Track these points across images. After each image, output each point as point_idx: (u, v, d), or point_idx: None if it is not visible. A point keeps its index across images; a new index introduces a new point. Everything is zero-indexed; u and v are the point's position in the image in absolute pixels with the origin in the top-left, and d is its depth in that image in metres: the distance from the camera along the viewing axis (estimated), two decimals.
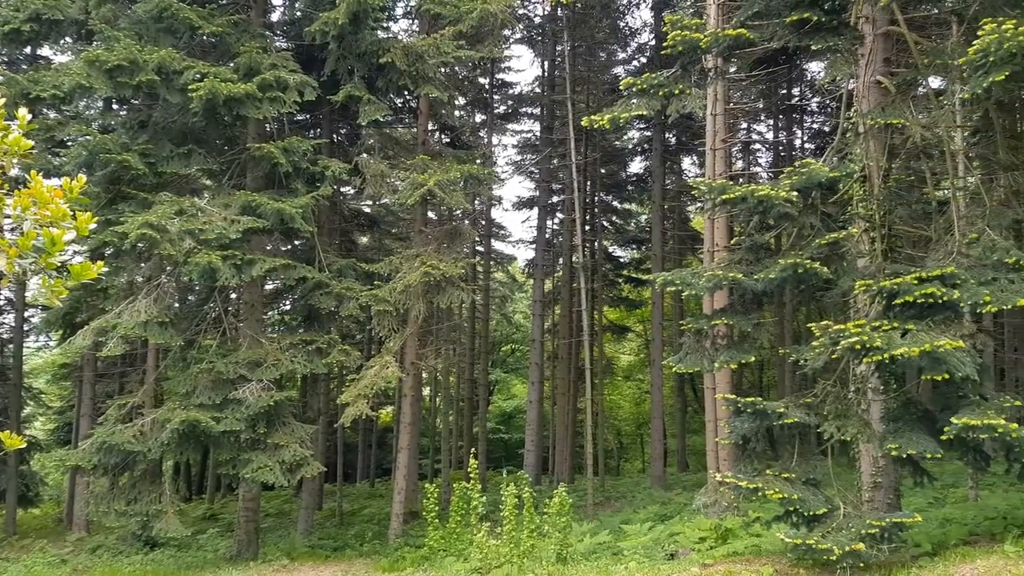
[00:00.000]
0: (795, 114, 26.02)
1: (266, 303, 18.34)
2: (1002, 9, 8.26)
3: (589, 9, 23.75)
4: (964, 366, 7.34)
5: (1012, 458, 7.64)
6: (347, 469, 29.89)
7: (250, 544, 15.81)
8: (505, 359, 41.56)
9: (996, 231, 8.43)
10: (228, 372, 14.39)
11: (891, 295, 7.94)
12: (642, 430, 37.16)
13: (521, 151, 30.00)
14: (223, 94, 13.87)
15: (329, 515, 22.69)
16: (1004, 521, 9.73)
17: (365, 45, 15.63)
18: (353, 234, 23.71)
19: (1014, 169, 9.68)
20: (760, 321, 9.50)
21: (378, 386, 15.12)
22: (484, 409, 28.98)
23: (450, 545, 12.24)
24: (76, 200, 3.21)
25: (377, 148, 17.35)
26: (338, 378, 23.26)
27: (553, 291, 29.33)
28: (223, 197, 14.98)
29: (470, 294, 16.53)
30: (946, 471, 15.89)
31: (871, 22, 9.78)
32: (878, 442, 8.33)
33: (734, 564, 8.95)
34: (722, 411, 13.72)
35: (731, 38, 9.65)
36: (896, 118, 9.08)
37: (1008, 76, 7.18)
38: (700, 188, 9.58)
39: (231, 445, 14.54)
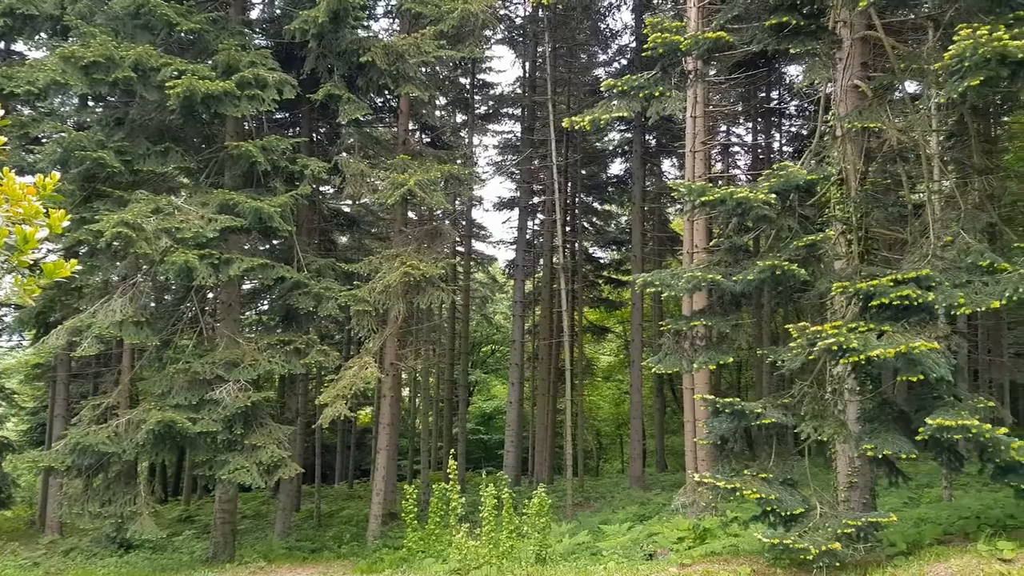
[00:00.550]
0: (774, 117, 26.26)
1: (244, 303, 18.20)
2: (977, 15, 8.38)
3: (570, 10, 23.80)
4: (939, 367, 7.43)
5: (985, 458, 7.74)
6: (325, 470, 29.68)
7: (226, 546, 15.66)
8: (485, 360, 41.54)
9: (970, 234, 8.54)
10: (205, 372, 14.25)
11: (867, 297, 8.02)
12: (621, 431, 37.29)
13: (502, 152, 30.00)
14: (201, 92, 13.73)
15: (307, 517, 22.54)
16: (977, 521, 9.86)
17: (345, 44, 15.56)
18: (332, 234, 23.58)
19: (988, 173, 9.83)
20: (738, 322, 9.56)
21: (357, 387, 15.04)
22: (464, 410, 28.94)
23: (429, 546, 12.19)
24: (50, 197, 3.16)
25: (357, 147, 17.26)
26: (316, 379, 23.13)
27: (534, 292, 29.35)
28: (200, 195, 14.82)
29: (450, 295, 16.50)
30: (921, 471, 16.08)
31: (849, 26, 9.88)
32: (854, 442, 8.41)
33: (712, 564, 8.99)
34: (700, 411, 13.80)
35: (711, 41, 9.70)
36: (873, 122, 9.17)
37: (983, 81, 7.27)
38: (680, 190, 9.63)
39: (207, 446, 14.39)
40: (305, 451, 23.46)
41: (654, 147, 27.09)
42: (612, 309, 33.84)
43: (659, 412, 29.86)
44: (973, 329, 20.61)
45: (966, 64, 7.23)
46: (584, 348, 31.54)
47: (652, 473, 26.83)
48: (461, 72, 25.43)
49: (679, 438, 27.80)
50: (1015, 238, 10.02)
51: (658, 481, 23.58)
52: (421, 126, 22.03)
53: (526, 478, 26.66)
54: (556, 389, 27.01)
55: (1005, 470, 7.67)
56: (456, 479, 11.79)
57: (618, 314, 34.80)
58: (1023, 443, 7.38)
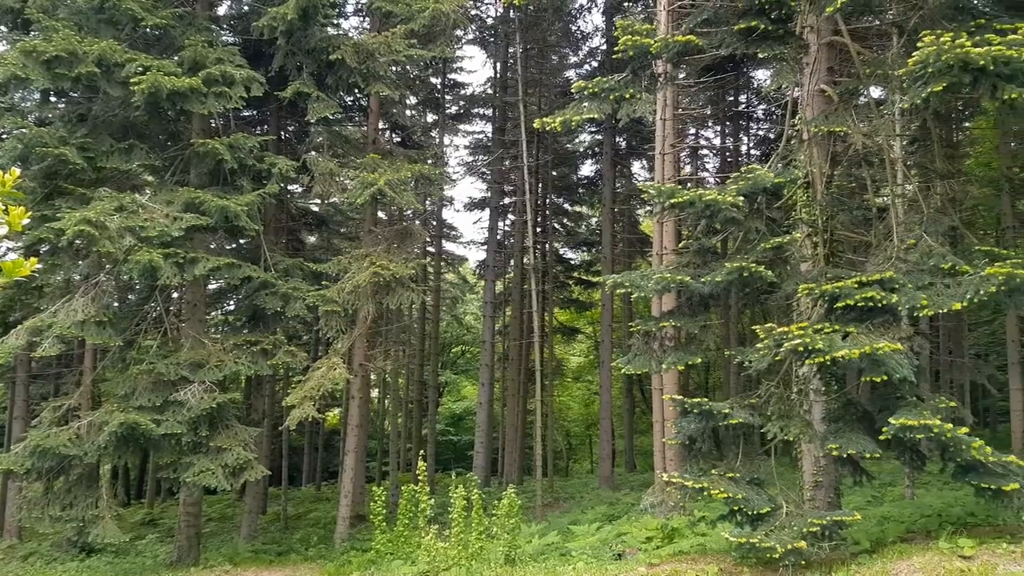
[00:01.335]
0: (742, 120, 26.55)
1: (209, 303, 17.95)
2: (940, 22, 8.54)
3: (541, 12, 23.84)
4: (902, 368, 7.54)
5: (947, 457, 7.87)
6: (292, 472, 29.41)
7: (191, 550, 15.43)
8: (455, 360, 41.44)
9: (933, 237, 8.69)
10: (169, 373, 14.03)
11: (833, 298, 8.13)
12: (591, 431, 37.44)
13: (473, 152, 29.96)
14: (166, 88, 13.52)
15: (273, 519, 22.30)
16: (939, 519, 10.04)
17: (315, 41, 15.43)
18: (301, 233, 23.36)
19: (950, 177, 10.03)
20: (707, 323, 9.63)
21: (325, 388, 14.90)
22: (433, 411, 28.84)
23: (398, 548, 12.12)
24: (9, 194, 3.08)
25: (326, 146, 17.11)
26: (284, 380, 22.90)
27: (504, 292, 29.35)
28: (165, 194, 14.59)
29: (420, 295, 16.43)
30: (884, 470, 16.36)
31: (816, 32, 10.02)
32: (819, 442, 8.51)
33: (680, 563, 9.05)
34: (669, 412, 13.90)
35: (681, 44, 9.78)
36: (838, 126, 9.31)
37: (945, 87, 7.40)
38: (649, 192, 9.67)
39: (172, 448, 14.17)
40: (272, 453, 23.22)
41: (624, 149, 27.23)
42: (582, 310, 33.96)
43: (628, 412, 30.02)
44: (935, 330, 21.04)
45: (929, 70, 7.35)
46: (554, 349, 31.61)
47: (621, 473, 26.98)
48: (432, 72, 25.32)
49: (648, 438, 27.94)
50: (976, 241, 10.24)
51: (627, 481, 23.71)
52: (391, 125, 21.91)
53: (496, 479, 26.64)
54: (526, 390, 27.03)
55: (966, 469, 7.82)
56: (425, 480, 11.73)
57: (588, 315, 34.94)
58: (983, 443, 7.52)
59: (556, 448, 33.01)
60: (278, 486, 24.75)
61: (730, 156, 26.05)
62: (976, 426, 23.74)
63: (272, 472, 20.88)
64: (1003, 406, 22.86)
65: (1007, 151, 19.22)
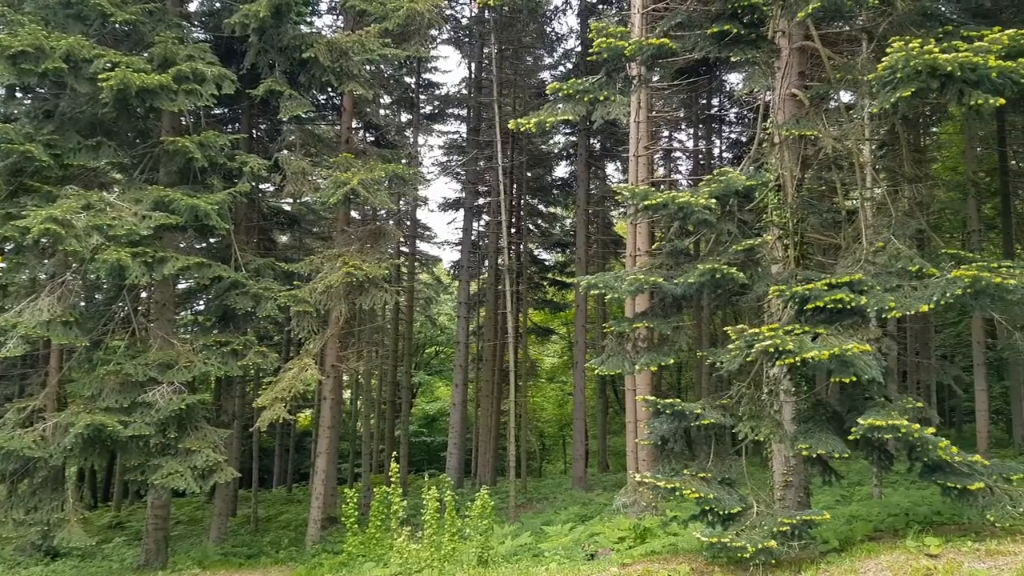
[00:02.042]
0: (714, 123, 26.77)
1: (179, 303, 17.72)
2: (909, 28, 8.67)
3: (516, 13, 23.86)
4: (870, 369, 7.63)
5: (914, 457, 7.99)
6: (263, 474, 29.12)
7: (159, 553, 15.22)
8: (429, 361, 41.31)
9: (901, 240, 8.81)
10: (137, 374, 13.82)
11: (803, 300, 8.21)
12: (564, 431, 37.51)
13: (447, 152, 29.90)
14: (136, 85, 13.32)
15: (243, 522, 22.06)
16: (906, 517, 10.18)
17: (287, 39, 15.30)
18: (272, 232, 23.14)
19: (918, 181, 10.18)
20: (679, 324, 9.68)
21: (296, 389, 14.77)
22: (407, 412, 28.71)
23: (369, 550, 12.04)
24: None
25: (298, 145, 16.96)
26: (255, 381, 22.66)
27: (478, 293, 29.30)
28: (134, 192, 14.37)
29: (394, 295, 16.33)
30: (852, 470, 16.58)
31: (787, 36, 10.12)
32: (790, 442, 8.59)
33: (652, 563, 9.08)
34: (642, 412, 13.97)
35: (654, 47, 9.82)
36: (809, 130, 9.40)
37: (914, 92, 7.50)
38: (623, 193, 9.70)
39: (139, 450, 13.95)
40: (242, 455, 22.98)
41: (598, 151, 27.34)
42: (556, 311, 34.04)
43: (602, 413, 30.13)
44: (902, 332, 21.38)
45: (898, 75, 7.45)
46: (528, 349, 31.63)
47: (594, 473, 27.06)
48: (406, 71, 25.23)
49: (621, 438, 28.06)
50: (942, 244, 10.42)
51: (600, 481, 23.79)
52: (365, 124, 21.80)
53: (469, 480, 26.60)
54: (500, 390, 27.02)
55: (932, 468, 7.94)
56: (398, 482, 11.67)
57: (562, 316, 35.02)
58: (949, 443, 7.64)
59: (530, 449, 33.02)
60: (248, 488, 24.49)
61: (703, 159, 26.26)
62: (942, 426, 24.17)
63: (242, 474, 20.66)
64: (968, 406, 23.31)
65: (973, 156, 19.61)
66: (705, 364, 21.52)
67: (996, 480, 7.91)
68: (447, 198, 29.11)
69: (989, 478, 7.85)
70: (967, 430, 24.01)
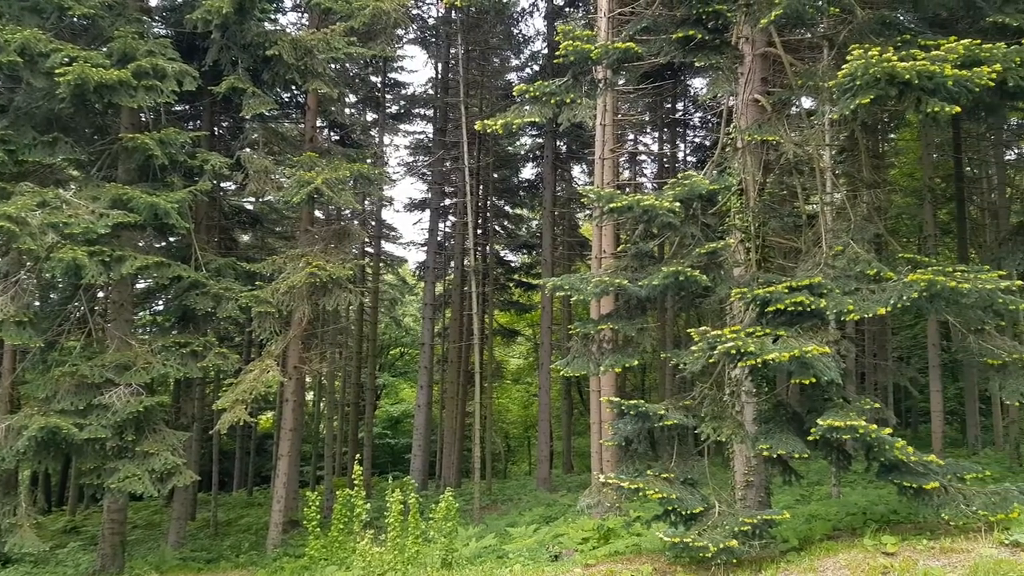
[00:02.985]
0: (679, 127, 27.05)
1: (137, 303, 17.37)
2: (869, 37, 8.83)
3: (483, 14, 23.85)
4: (829, 370, 7.75)
5: (871, 457, 8.13)
6: (223, 477, 28.68)
7: (115, 558, 14.90)
8: (394, 363, 41.07)
9: (859, 244, 8.97)
10: (93, 376, 13.51)
11: (764, 303, 8.32)
12: (529, 433, 37.56)
13: (413, 152, 29.76)
14: (94, 80, 13.04)
15: (203, 525, 21.70)
16: (864, 516, 10.36)
17: (251, 36, 15.10)
18: (234, 232, 22.81)
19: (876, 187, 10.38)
20: (644, 326, 9.74)
21: (258, 391, 14.58)
22: (370, 414, 28.49)
23: (332, 554, 11.91)
24: None
25: (261, 143, 16.74)
26: (214, 382, 22.33)
27: (444, 294, 29.21)
28: (91, 189, 14.06)
29: (358, 296, 16.21)
30: (812, 469, 16.84)
31: (750, 43, 10.26)
32: (751, 442, 8.69)
33: (615, 563, 9.12)
34: (607, 413, 14.03)
35: (620, 51, 9.88)
36: (771, 135, 9.54)
37: (872, 100, 7.63)
38: (589, 196, 9.75)
39: (95, 453, 13.64)
40: (202, 458, 22.62)
41: (565, 153, 27.44)
42: (522, 312, 34.07)
43: (567, 414, 30.22)
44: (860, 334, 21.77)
45: (858, 82, 7.58)
46: (494, 351, 31.61)
47: (559, 474, 27.13)
48: (372, 70, 25.09)
49: (586, 439, 28.23)
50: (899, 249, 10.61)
51: (564, 482, 23.86)
52: (330, 123, 21.61)
53: (434, 482, 26.50)
54: (465, 392, 26.95)
55: (889, 468, 8.10)
56: (361, 484, 11.55)
57: (528, 317, 35.07)
58: (905, 443, 7.80)
59: (495, 450, 33.02)
60: (208, 491, 24.12)
61: (667, 162, 26.50)
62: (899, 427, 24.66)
63: (202, 477, 20.35)
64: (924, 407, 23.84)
65: (929, 162, 20.05)
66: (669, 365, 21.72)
67: (950, 479, 8.09)
68: (413, 198, 29.08)
69: (944, 477, 8.02)
70: (923, 430, 24.55)
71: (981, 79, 7.34)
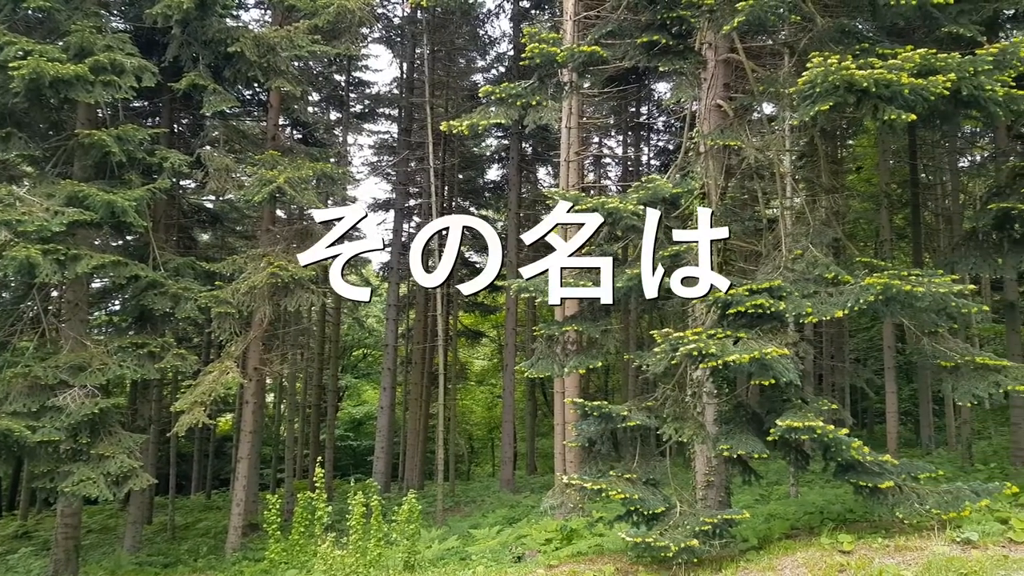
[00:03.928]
0: (643, 131, 27.29)
1: (92, 302, 16.98)
2: (828, 45, 9.00)
3: (449, 15, 23.80)
4: (788, 372, 7.87)
5: (828, 457, 8.27)
6: (181, 480, 28.17)
7: (69, 563, 14.53)
8: (356, 364, 40.73)
9: (818, 248, 9.14)
10: (47, 377, 13.17)
11: (725, 305, 8.42)
12: (493, 434, 37.54)
13: (378, 152, 29.56)
14: (49, 74, 12.71)
15: (160, 529, 21.30)
16: (821, 516, 10.54)
17: (212, 32, 14.87)
18: (193, 231, 22.43)
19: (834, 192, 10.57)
20: (608, 328, 9.80)
21: (217, 393, 14.34)
22: (332, 416, 28.22)
23: (292, 557, 11.76)
24: None
25: (222, 141, 16.49)
26: (173, 384, 21.93)
27: (408, 295, 29.06)
28: (46, 186, 13.72)
29: (320, 297, 16.03)
30: (771, 469, 17.10)
31: (714, 48, 10.38)
32: (712, 443, 8.79)
33: (578, 564, 9.16)
34: (570, 414, 14.09)
35: (586, 54, 9.93)
36: (733, 140, 9.66)
37: (832, 106, 7.77)
38: (554, 198, 9.78)
39: (49, 456, 13.30)
40: (159, 460, 22.19)
41: (530, 155, 27.50)
42: (487, 313, 34.03)
43: (531, 415, 30.27)
44: (819, 336, 22.17)
45: (817, 90, 7.72)
46: (459, 352, 31.53)
47: (522, 476, 27.15)
48: (336, 69, 24.87)
49: (549, 441, 28.30)
50: (857, 253, 10.83)
51: (528, 484, 23.88)
52: (292, 122, 21.37)
53: (396, 484, 26.33)
54: (429, 393, 26.84)
55: (846, 468, 8.24)
56: (323, 487, 11.43)
57: (493, 318, 35.04)
58: (861, 443, 7.95)
59: (458, 452, 32.92)
60: (165, 495, 23.65)
61: (631, 165, 26.72)
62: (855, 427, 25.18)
63: (159, 480, 19.97)
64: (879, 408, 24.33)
65: (886, 168, 20.47)
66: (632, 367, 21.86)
67: (905, 479, 8.27)
68: (377, 199, 28.83)
69: (898, 477, 8.20)
70: (878, 431, 25.06)
71: (936, 88, 7.52)
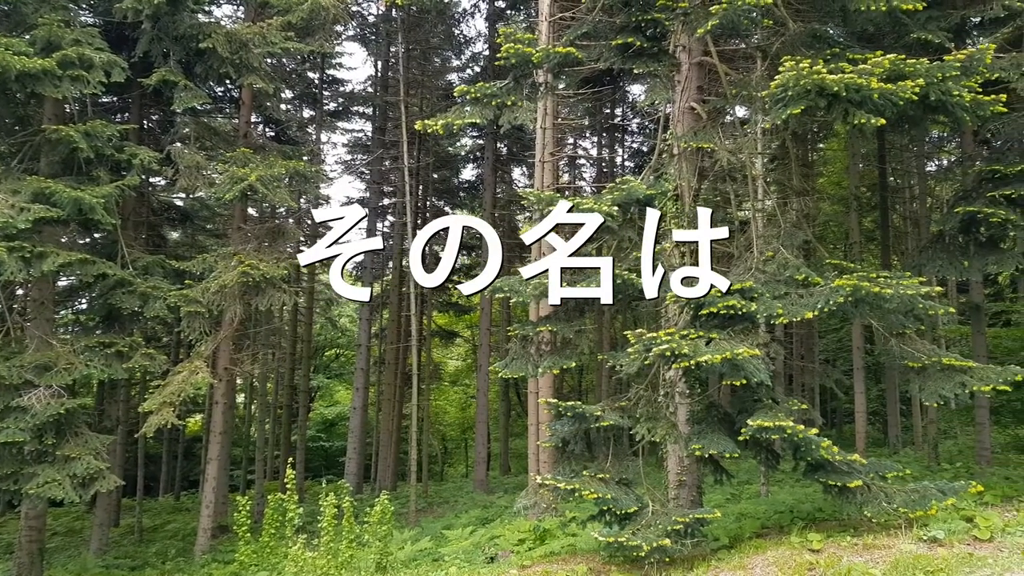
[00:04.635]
0: (617, 133, 27.41)
1: (59, 301, 16.69)
2: (800, 49, 9.10)
3: (425, 13, 23.72)
4: (759, 372, 7.95)
5: (798, 456, 8.37)
6: (149, 482, 27.77)
7: (33, 567, 14.25)
8: (329, 364, 40.42)
9: (788, 250, 9.24)
10: (11, 377, 12.91)
11: (698, 306, 8.48)
12: (467, 435, 37.47)
13: (352, 151, 29.38)
14: (16, 68, 12.48)
15: (127, 532, 20.99)
16: (791, 514, 10.65)
17: (184, 28, 14.67)
18: (163, 228, 22.09)
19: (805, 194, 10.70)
20: (582, 328, 9.82)
21: (186, 393, 14.15)
22: (304, 416, 27.99)
23: (263, 559, 11.62)
24: None
25: (193, 137, 16.27)
26: (141, 384, 21.62)
27: (382, 295, 28.90)
28: (11, 182, 13.44)
29: (292, 296, 15.89)
30: (742, 469, 17.25)
31: (687, 51, 10.46)
32: (684, 443, 8.85)
33: (551, 564, 9.17)
34: (544, 415, 14.10)
35: (561, 55, 9.95)
36: (706, 142, 9.73)
37: (803, 110, 7.86)
38: (529, 198, 9.77)
39: (13, 458, 13.04)
40: (127, 462, 21.87)
41: (505, 155, 27.49)
42: (461, 313, 33.97)
43: (504, 416, 30.26)
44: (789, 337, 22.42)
45: (789, 93, 7.80)
46: (432, 352, 31.43)
47: (496, 476, 27.14)
48: (309, 66, 24.69)
49: (523, 441, 28.32)
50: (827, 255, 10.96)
51: (501, 484, 23.87)
52: (265, 119, 21.19)
53: (369, 485, 26.18)
54: (402, 394, 26.71)
55: (815, 467, 8.34)
56: (294, 488, 11.31)
57: (467, 319, 34.98)
58: (831, 443, 8.05)
59: (432, 453, 32.81)
60: (133, 497, 23.30)
61: (606, 167, 26.82)
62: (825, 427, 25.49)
63: (127, 482, 19.66)
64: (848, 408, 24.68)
65: (856, 172, 20.76)
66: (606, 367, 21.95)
67: (873, 478, 8.39)
68: (350, 197, 28.80)
69: (867, 476, 8.31)
70: (847, 431, 25.41)
71: (905, 93, 7.64)
